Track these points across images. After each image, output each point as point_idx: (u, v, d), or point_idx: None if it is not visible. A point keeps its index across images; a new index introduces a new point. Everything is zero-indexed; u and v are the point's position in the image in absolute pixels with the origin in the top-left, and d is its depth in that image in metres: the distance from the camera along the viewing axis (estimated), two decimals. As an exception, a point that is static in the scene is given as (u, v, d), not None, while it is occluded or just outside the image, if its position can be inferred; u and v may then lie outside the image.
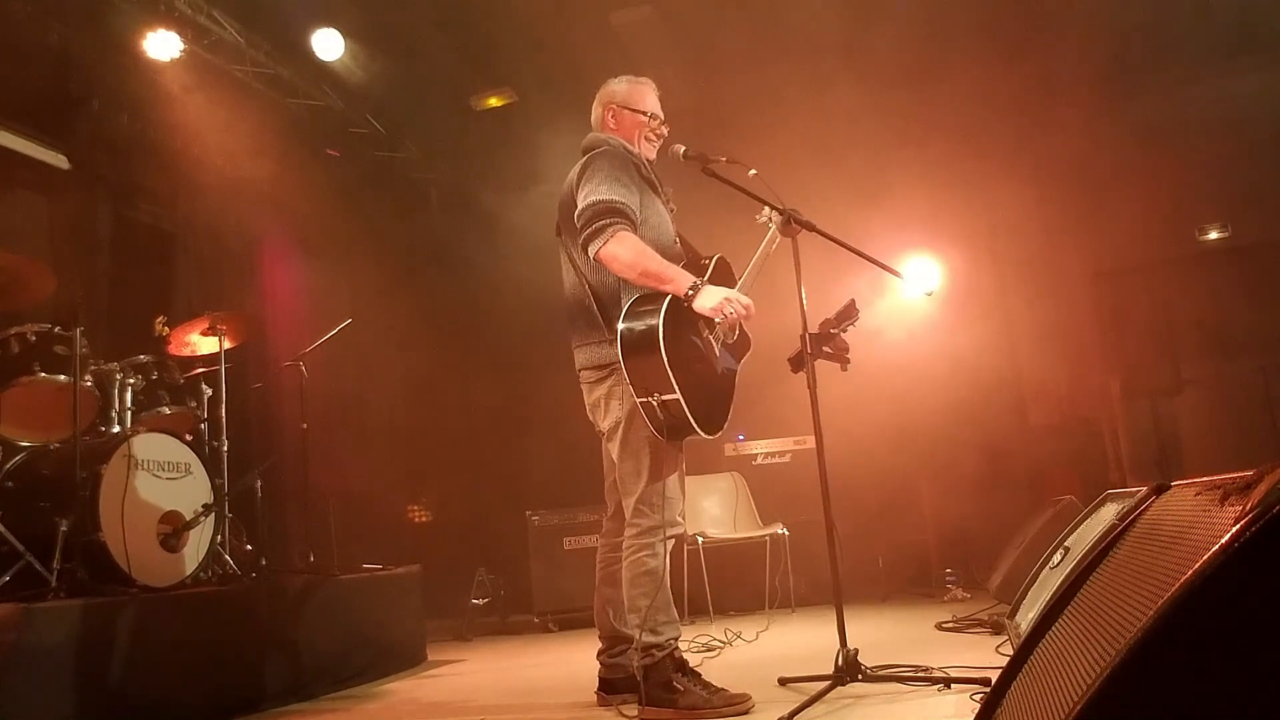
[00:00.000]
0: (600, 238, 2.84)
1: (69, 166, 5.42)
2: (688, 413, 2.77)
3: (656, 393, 2.76)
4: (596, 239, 2.85)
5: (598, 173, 2.96)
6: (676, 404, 2.75)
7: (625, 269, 2.86)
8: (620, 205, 2.89)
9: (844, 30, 5.74)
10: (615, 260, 2.85)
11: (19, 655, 2.75)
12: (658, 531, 2.92)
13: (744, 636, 4.60)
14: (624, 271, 2.87)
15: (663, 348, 2.75)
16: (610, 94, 3.23)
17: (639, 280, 2.88)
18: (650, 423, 2.81)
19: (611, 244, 2.84)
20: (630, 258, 2.85)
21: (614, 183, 2.93)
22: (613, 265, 2.87)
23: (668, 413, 2.77)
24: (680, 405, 2.75)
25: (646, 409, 2.78)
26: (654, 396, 2.76)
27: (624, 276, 2.89)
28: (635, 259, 2.85)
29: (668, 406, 2.76)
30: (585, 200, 2.92)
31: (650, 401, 2.77)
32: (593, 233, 2.86)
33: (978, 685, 2.72)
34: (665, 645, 2.89)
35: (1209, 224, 6.79)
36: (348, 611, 4.17)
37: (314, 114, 6.41)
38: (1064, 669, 1.44)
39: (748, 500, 6.11)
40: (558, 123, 4.20)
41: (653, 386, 2.76)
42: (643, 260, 2.86)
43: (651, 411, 2.78)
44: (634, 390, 2.79)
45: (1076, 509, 3.81)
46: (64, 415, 3.69)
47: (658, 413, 2.78)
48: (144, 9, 5.13)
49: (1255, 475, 1.27)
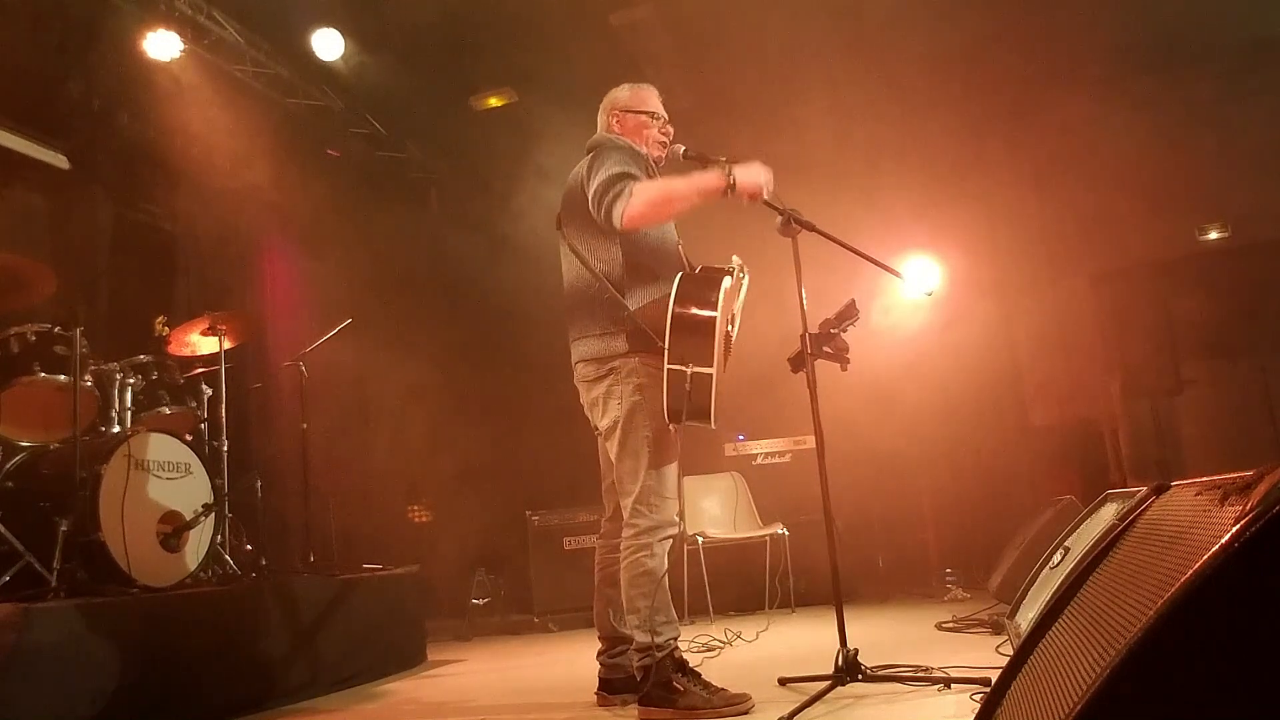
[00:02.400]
0: (620, 201, 2.83)
1: (69, 166, 5.42)
2: (713, 392, 2.75)
3: (692, 364, 2.73)
4: (617, 203, 2.83)
5: (607, 159, 2.97)
6: (707, 380, 2.73)
7: (659, 206, 2.85)
8: (628, 173, 2.89)
9: (844, 30, 5.74)
10: (643, 205, 2.82)
11: (19, 655, 2.75)
12: (656, 532, 2.92)
13: (744, 636, 4.60)
14: (659, 210, 2.86)
15: (719, 318, 2.75)
16: (614, 101, 3.26)
17: (679, 206, 2.87)
18: (668, 397, 2.77)
19: (633, 199, 2.82)
20: (655, 194, 2.85)
21: (623, 165, 2.93)
22: (645, 212, 2.83)
23: (694, 388, 2.73)
24: (710, 382, 2.73)
25: (673, 379, 2.74)
26: (688, 366, 2.73)
27: (661, 216, 2.88)
28: (660, 191, 2.86)
29: (698, 381, 2.73)
30: (596, 182, 2.92)
31: (682, 370, 2.73)
32: (613, 199, 2.84)
33: (978, 685, 2.71)
34: (665, 645, 2.89)
35: (1209, 224, 6.79)
36: (348, 611, 4.17)
37: (314, 114, 6.41)
38: (1064, 669, 1.44)
39: (748, 500, 6.10)
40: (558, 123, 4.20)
41: (690, 356, 2.74)
42: (668, 188, 2.87)
43: (677, 383, 2.74)
44: (669, 355, 2.75)
45: (1076, 509, 3.81)
46: (64, 415, 3.69)
47: (684, 384, 2.73)
48: (144, 9, 5.13)
49: (1255, 475, 1.27)
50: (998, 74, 6.23)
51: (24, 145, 5.21)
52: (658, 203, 2.84)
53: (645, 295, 2.93)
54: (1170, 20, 5.80)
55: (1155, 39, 6.02)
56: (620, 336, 2.93)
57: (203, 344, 4.73)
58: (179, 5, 5.22)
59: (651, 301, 2.91)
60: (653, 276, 2.95)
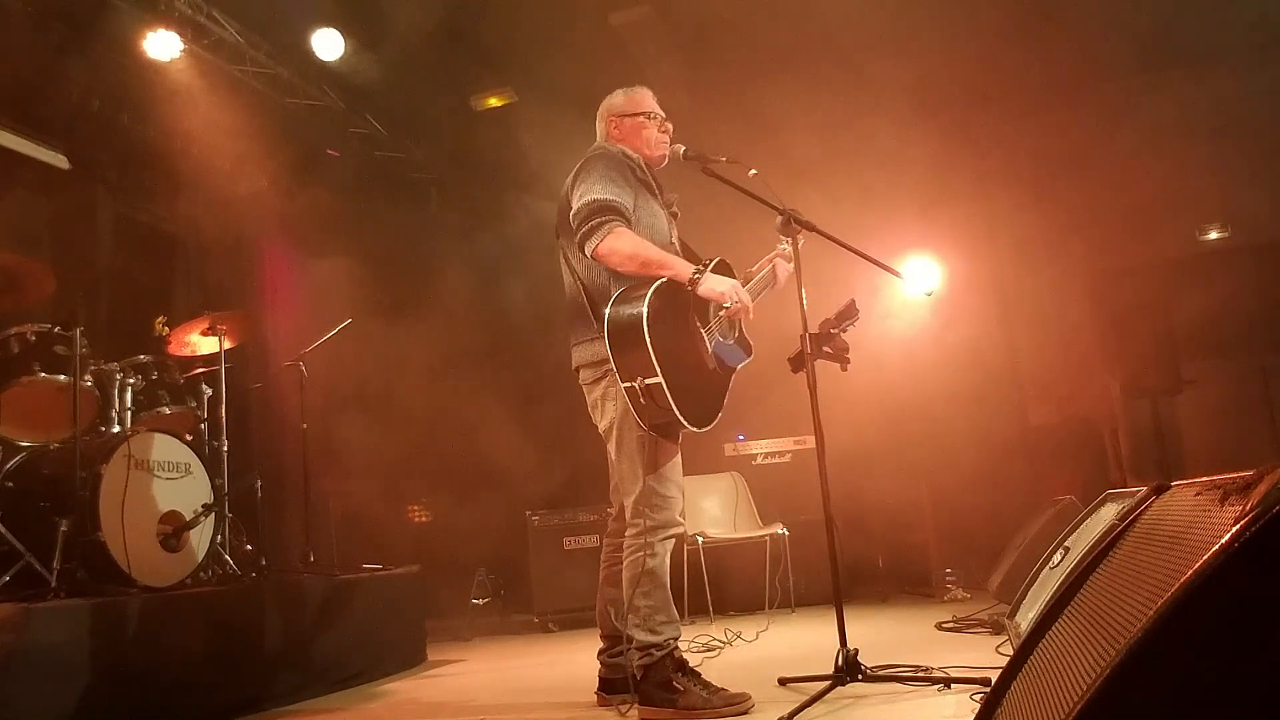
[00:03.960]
0: (597, 235, 2.86)
1: (69, 166, 5.42)
2: (670, 399, 2.73)
3: (640, 377, 2.73)
4: (593, 236, 2.86)
5: (591, 173, 2.98)
6: (659, 389, 2.72)
7: (625, 261, 2.87)
8: (614, 203, 2.91)
9: (843, 30, 5.74)
10: (614, 254, 2.86)
11: (19, 655, 2.75)
12: (657, 532, 2.92)
13: (744, 636, 4.60)
14: (625, 264, 2.87)
15: (646, 328, 2.73)
16: (610, 107, 3.27)
17: (640, 271, 2.87)
18: (636, 413, 2.79)
19: (609, 239, 2.85)
20: (629, 249, 2.86)
21: (607, 182, 2.95)
22: (611, 260, 2.87)
23: (651, 400, 2.74)
24: (663, 391, 2.72)
25: (631, 395, 2.77)
26: (638, 381, 2.74)
27: (624, 270, 2.89)
28: (635, 250, 2.87)
29: (651, 393, 2.73)
30: (579, 201, 2.94)
31: (634, 387, 2.74)
32: (589, 230, 2.87)
33: (978, 685, 2.72)
34: (665, 645, 2.89)
35: (1209, 224, 6.80)
36: (348, 611, 4.17)
37: (314, 114, 6.41)
38: (1064, 669, 1.44)
39: (748, 500, 6.10)
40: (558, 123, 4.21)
41: (636, 370, 2.74)
42: (642, 251, 2.87)
43: (635, 398, 2.76)
44: (619, 375, 2.78)
45: (1076, 509, 3.81)
46: (64, 415, 3.70)
47: (641, 399, 2.74)
48: (144, 9, 5.13)
49: (1255, 475, 1.27)
50: (998, 74, 6.23)
51: (24, 145, 5.21)
52: (629, 257, 2.86)
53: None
54: (1171, 21, 5.80)
55: (1156, 39, 6.03)
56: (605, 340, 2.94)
57: (203, 344, 4.73)
58: (179, 5, 5.21)
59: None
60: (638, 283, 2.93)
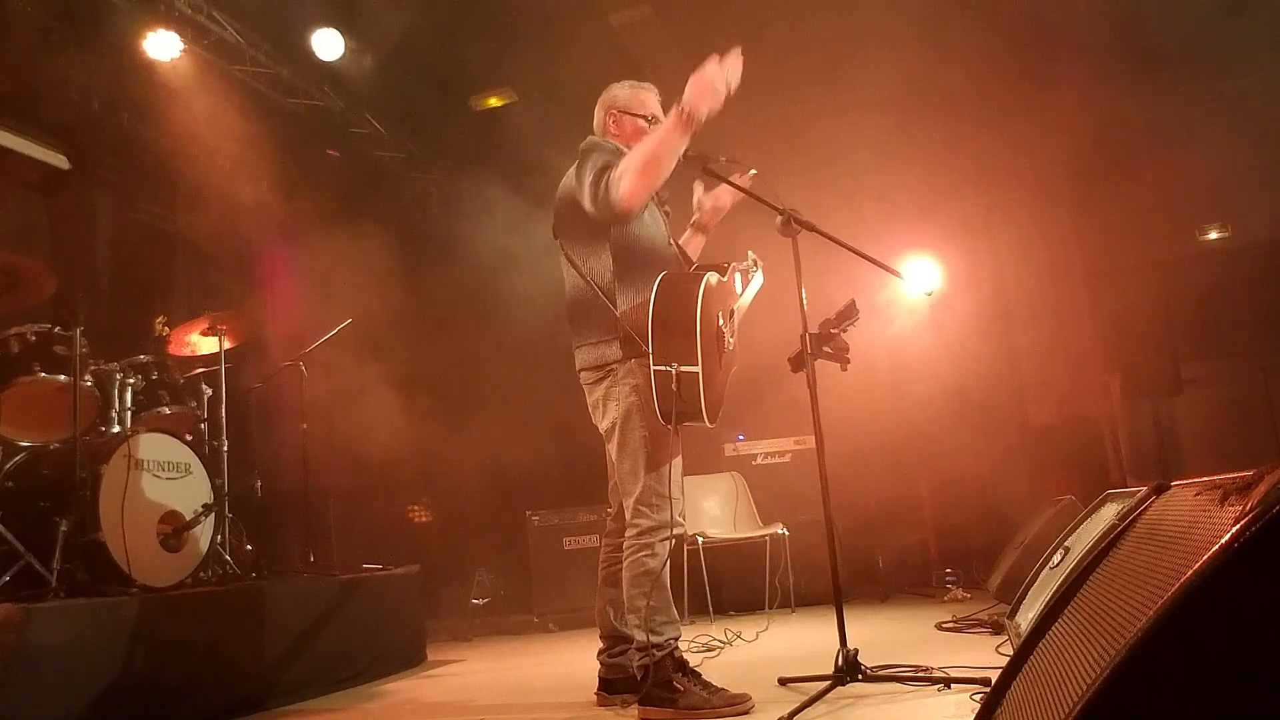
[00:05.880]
0: (611, 190, 2.81)
1: (69, 166, 5.42)
2: (700, 390, 2.74)
3: (676, 363, 2.74)
4: (610, 193, 2.81)
5: (588, 162, 2.95)
6: (694, 378, 2.73)
7: (645, 172, 2.79)
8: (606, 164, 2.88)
9: (843, 30, 5.74)
10: (632, 178, 2.78)
11: (19, 655, 2.75)
12: (657, 532, 2.91)
13: (744, 636, 4.60)
14: (647, 174, 2.79)
15: (700, 317, 2.75)
16: (612, 99, 3.22)
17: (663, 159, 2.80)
18: (658, 398, 2.78)
19: (621, 181, 2.79)
20: (636, 163, 2.80)
21: (604, 162, 2.92)
22: (636, 181, 2.79)
23: (681, 387, 2.74)
24: (697, 380, 2.73)
25: (660, 380, 2.75)
26: (673, 366, 2.74)
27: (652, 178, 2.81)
28: (638, 158, 2.81)
29: (683, 380, 2.73)
30: (585, 188, 2.91)
31: (668, 371, 2.74)
32: (604, 194, 2.82)
33: (978, 685, 2.72)
34: (665, 645, 2.89)
35: (1209, 224, 6.79)
36: (348, 611, 4.17)
37: (314, 114, 6.41)
38: (1064, 669, 1.44)
39: (748, 500, 6.10)
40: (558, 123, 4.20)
41: (674, 355, 2.74)
42: (641, 151, 2.82)
43: (664, 383, 2.74)
44: (653, 357, 2.76)
45: (1076, 509, 3.81)
46: (64, 415, 3.70)
47: (671, 384, 2.74)
48: (144, 9, 5.13)
49: (1255, 475, 1.27)
50: (998, 74, 6.22)
51: (24, 145, 5.21)
52: (641, 169, 2.80)
53: (633, 299, 2.94)
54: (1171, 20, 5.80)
55: (1156, 39, 6.02)
56: (614, 344, 2.94)
57: (203, 344, 4.73)
58: (179, 5, 5.21)
59: (635, 305, 2.91)
60: (643, 281, 2.94)
